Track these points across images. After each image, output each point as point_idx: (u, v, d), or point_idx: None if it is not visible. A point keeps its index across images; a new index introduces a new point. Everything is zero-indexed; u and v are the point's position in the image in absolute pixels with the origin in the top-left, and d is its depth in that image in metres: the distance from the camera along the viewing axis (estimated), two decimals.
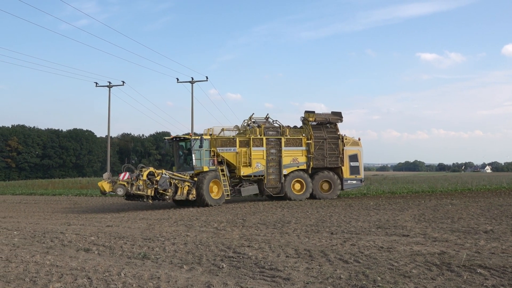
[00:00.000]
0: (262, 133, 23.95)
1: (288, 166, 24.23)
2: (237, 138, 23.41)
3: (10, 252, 9.79)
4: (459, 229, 11.97)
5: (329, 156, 25.08)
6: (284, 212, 18.00)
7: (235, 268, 7.94)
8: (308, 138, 24.86)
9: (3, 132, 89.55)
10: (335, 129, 25.81)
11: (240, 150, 23.21)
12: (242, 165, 23.16)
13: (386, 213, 16.46)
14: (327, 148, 25.07)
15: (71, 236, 12.03)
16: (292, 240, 10.73)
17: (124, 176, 19.28)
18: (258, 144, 23.70)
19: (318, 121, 25.46)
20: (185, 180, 21.10)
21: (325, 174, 24.96)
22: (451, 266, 7.63)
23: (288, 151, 24.32)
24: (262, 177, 23.72)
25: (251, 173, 23.45)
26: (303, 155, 24.68)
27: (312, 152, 24.69)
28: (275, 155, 24.06)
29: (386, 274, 7.17)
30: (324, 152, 24.99)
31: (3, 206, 25.23)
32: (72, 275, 7.50)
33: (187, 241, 10.89)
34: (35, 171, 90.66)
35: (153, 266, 8.25)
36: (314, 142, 24.84)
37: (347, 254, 8.80)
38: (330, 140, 25.22)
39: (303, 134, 24.96)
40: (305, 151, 24.69)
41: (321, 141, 24.98)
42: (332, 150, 25.18)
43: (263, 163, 23.69)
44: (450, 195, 25.55)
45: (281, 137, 24.25)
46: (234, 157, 23.21)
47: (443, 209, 17.38)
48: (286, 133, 24.47)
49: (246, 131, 23.99)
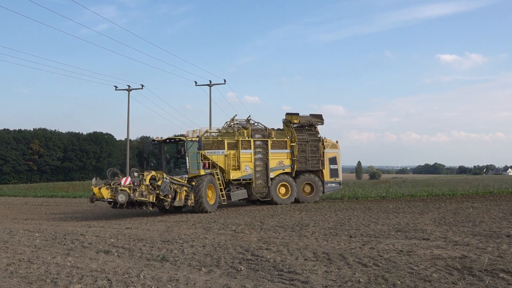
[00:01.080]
0: (250, 135, 23.13)
1: (274, 169, 23.55)
2: (225, 140, 22.38)
3: (32, 253, 9.95)
4: (480, 233, 11.77)
5: (311, 158, 24.55)
6: (302, 215, 17.94)
7: (253, 271, 7.94)
8: (292, 140, 24.23)
9: (25, 135, 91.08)
10: (315, 131, 25.29)
11: (228, 152, 22.18)
12: (232, 168, 22.12)
13: (406, 216, 16.28)
14: (309, 151, 24.53)
15: (91, 238, 12.17)
16: (311, 243, 10.68)
17: (126, 181, 17.64)
18: (246, 147, 22.78)
19: (301, 123, 24.89)
20: (183, 185, 19.41)
21: (307, 176, 24.49)
22: (472, 270, 7.50)
23: (275, 154, 23.64)
24: (250, 180, 22.85)
25: (240, 177, 22.48)
26: (288, 158, 24.06)
27: (296, 155, 24.09)
28: (262, 158, 23.29)
29: (406, 278, 7.08)
30: (307, 155, 24.45)
31: (25, 208, 25.66)
32: (92, 277, 7.58)
33: (205, 243, 10.93)
34: (56, 174, 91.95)
35: (171, 268, 8.29)
36: (298, 144, 24.23)
37: (366, 258, 8.72)
38: (312, 143, 24.68)
39: (288, 136, 24.35)
40: (290, 153, 24.07)
41: (303, 144, 24.42)
42: (313, 153, 24.66)
43: (251, 166, 22.80)
44: (471, 198, 25.13)
45: (268, 140, 23.54)
46: (223, 160, 22.06)
47: (464, 213, 17.12)
48: (272, 136, 23.80)
49: (234, 132, 23.03)
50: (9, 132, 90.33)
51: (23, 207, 26.35)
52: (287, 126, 24.91)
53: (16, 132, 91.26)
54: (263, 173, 23.18)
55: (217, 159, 21.87)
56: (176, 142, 21.38)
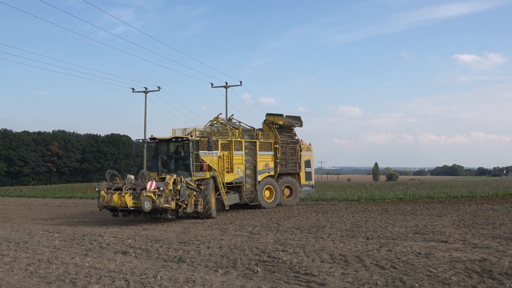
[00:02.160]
0: (241, 136, 21.68)
1: (261, 172, 22.36)
2: (219, 140, 20.57)
3: (51, 254, 10.08)
4: (500, 235, 11.59)
5: (290, 161, 23.68)
6: (319, 216, 17.87)
7: (269, 272, 7.93)
8: (275, 142, 23.18)
9: (45, 137, 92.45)
10: (293, 133, 24.38)
11: (222, 154, 20.45)
12: (225, 170, 20.44)
13: (424, 218, 16.10)
14: (289, 153, 23.63)
15: (109, 239, 12.29)
16: (327, 245, 10.63)
17: (151, 186, 15.59)
18: (238, 148, 21.27)
19: (285, 125, 23.93)
20: (193, 189, 17.61)
21: (287, 179, 23.56)
22: (492, 273, 7.39)
23: (262, 156, 22.43)
24: (241, 184, 21.36)
25: (233, 180, 20.84)
26: (272, 160, 22.97)
27: (279, 157, 23.12)
28: (251, 160, 21.91)
29: (424, 281, 7.01)
30: (287, 157, 23.54)
31: (45, 209, 26.01)
32: (110, 277, 7.66)
33: (222, 245, 10.95)
34: (75, 175, 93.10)
35: (188, 269, 8.33)
36: (280, 146, 23.23)
37: (383, 260, 8.65)
38: (291, 145, 23.75)
39: (272, 138, 23.29)
40: (273, 156, 23.04)
41: (284, 146, 23.45)
42: (292, 155, 23.77)
43: (243, 168, 21.36)
44: (490, 200, 24.74)
45: (256, 141, 22.20)
46: (216, 162, 20.13)
47: (484, 215, 16.87)
48: (259, 137, 22.63)
49: (228, 132, 21.23)
50: (28, 134, 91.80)
51: (43, 208, 26.72)
52: (269, 128, 23.79)
53: (35, 134, 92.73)
54: (251, 176, 21.91)
55: (210, 161, 19.79)
56: (180, 142, 19.30)
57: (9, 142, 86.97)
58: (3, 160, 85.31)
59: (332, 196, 30.15)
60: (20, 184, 77.51)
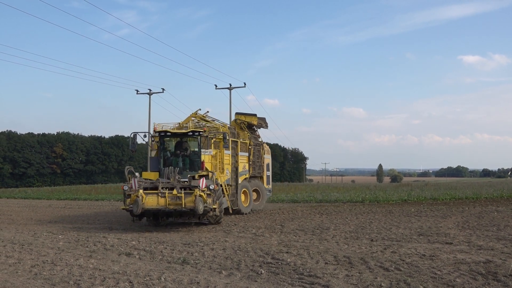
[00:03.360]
0: (229, 134, 19.27)
1: (241, 174, 20.54)
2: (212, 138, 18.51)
3: (55, 255, 10.11)
4: (505, 237, 11.55)
5: (257, 163, 22.27)
6: (323, 218, 17.84)
7: (273, 274, 7.92)
8: (250, 143, 21.65)
9: (49, 139, 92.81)
10: (257, 135, 23.12)
11: (215, 152, 18.21)
12: (219, 171, 18.08)
13: (428, 220, 16.06)
14: (256, 156, 22.17)
15: (113, 241, 12.30)
16: (331, 247, 10.61)
17: (203, 184, 14.23)
18: (227, 147, 19.07)
19: (258, 125, 22.81)
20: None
21: (255, 182, 22.02)
22: (497, 275, 7.36)
23: (241, 156, 20.62)
24: (229, 186, 19.20)
25: (224, 181, 18.45)
26: (247, 162, 21.26)
27: (251, 159, 21.54)
28: (233, 161, 20.01)
29: (428, 283, 6.98)
30: (255, 159, 22.04)
31: (49, 210, 26.07)
32: (114, 279, 7.67)
33: (225, 246, 10.95)
34: (79, 177, 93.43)
35: (192, 271, 8.33)
36: (252, 148, 21.75)
37: (387, 262, 8.63)
38: (257, 147, 22.36)
39: (248, 138, 21.71)
40: (248, 157, 21.38)
41: (253, 147, 21.94)
42: (257, 158, 22.32)
43: (230, 169, 19.54)
44: (495, 202, 24.65)
45: (238, 141, 20.48)
46: (210, 161, 17.77)
47: (488, 217, 16.80)
48: (240, 136, 21.08)
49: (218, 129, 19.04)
50: (33, 136, 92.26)
51: (47, 209, 26.78)
52: (240, 128, 22.08)
53: (40, 136, 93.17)
54: (234, 178, 19.99)
55: (205, 160, 17.35)
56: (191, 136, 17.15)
57: (14, 144, 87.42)
58: (8, 162, 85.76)
59: (336, 197, 30.14)
60: (25, 186, 77.80)
